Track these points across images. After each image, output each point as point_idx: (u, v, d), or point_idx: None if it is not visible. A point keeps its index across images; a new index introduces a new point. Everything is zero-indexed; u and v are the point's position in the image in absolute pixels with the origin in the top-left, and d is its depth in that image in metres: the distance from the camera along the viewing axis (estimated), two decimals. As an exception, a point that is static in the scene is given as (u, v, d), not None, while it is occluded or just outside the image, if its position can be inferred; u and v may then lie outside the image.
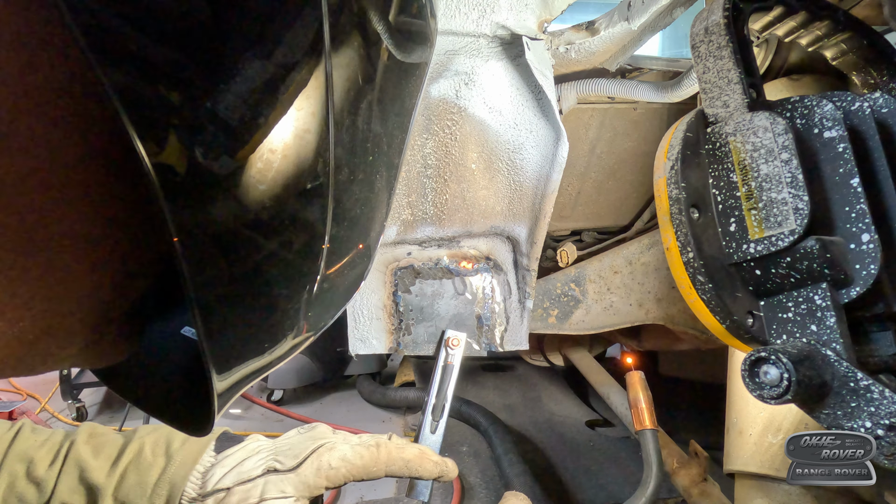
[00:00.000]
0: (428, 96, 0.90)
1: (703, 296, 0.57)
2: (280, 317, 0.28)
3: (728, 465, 1.10)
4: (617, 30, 0.92)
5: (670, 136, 0.61)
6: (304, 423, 0.67)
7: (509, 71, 0.92)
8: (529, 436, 2.22)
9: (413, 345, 0.98)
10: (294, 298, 0.28)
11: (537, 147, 0.95)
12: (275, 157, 0.23)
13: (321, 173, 0.26)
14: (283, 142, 0.24)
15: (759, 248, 0.55)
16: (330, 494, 1.88)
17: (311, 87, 0.24)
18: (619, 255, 1.46)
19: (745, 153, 0.57)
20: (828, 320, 0.53)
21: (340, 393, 2.94)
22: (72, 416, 2.55)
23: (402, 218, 0.97)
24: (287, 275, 0.27)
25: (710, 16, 0.60)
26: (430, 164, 0.94)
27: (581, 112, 1.41)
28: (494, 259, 1.03)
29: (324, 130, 0.25)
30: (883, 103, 0.59)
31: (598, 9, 1.11)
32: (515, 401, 2.59)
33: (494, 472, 1.91)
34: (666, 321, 1.38)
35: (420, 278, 1.00)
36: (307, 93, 0.24)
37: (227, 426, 0.64)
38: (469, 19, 0.86)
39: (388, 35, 0.29)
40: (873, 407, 0.48)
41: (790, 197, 0.54)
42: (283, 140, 0.23)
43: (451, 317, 0.99)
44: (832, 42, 0.68)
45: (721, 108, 0.60)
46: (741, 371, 0.51)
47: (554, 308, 1.53)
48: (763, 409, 1.05)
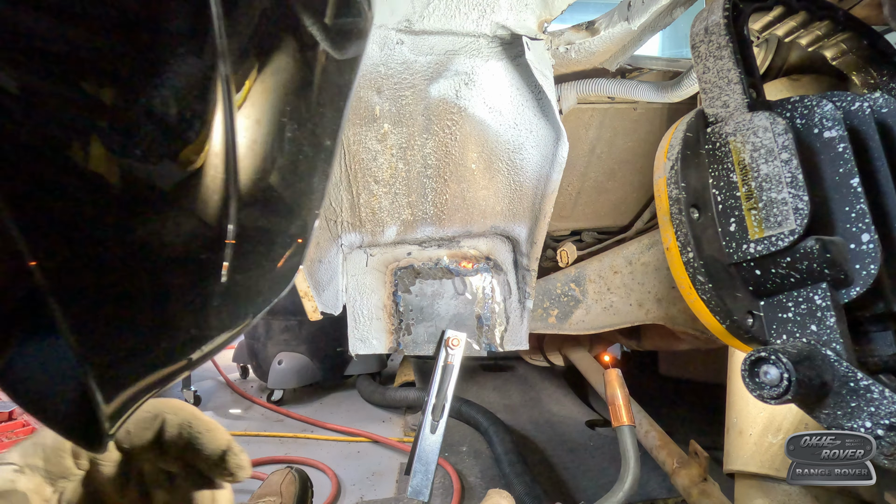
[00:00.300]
0: (428, 96, 0.90)
1: (703, 296, 0.57)
2: (176, 321, 0.26)
3: (728, 465, 1.10)
4: (617, 30, 0.92)
5: (670, 136, 0.61)
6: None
7: (509, 71, 0.92)
8: (529, 436, 2.22)
9: (413, 345, 0.98)
10: (189, 301, 0.26)
11: (537, 147, 0.95)
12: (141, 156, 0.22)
13: (211, 165, 0.24)
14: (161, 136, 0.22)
15: (759, 248, 0.55)
16: (330, 494, 1.88)
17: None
18: (619, 255, 1.46)
19: (745, 153, 0.57)
20: (828, 320, 0.53)
21: (340, 393, 2.94)
22: (72, 416, 2.55)
23: (402, 218, 0.97)
24: (176, 276, 0.25)
25: (710, 16, 0.60)
26: (430, 164, 0.94)
27: (581, 112, 1.41)
28: (494, 259, 1.03)
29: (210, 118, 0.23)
30: (883, 103, 0.59)
31: (598, 9, 1.11)
32: (515, 401, 2.59)
33: (494, 472, 1.91)
34: (666, 321, 1.38)
35: (420, 278, 1.00)
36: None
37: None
38: (469, 19, 0.86)
39: (302, 24, 0.28)
40: (873, 407, 0.48)
41: (790, 197, 0.54)
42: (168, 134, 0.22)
43: (451, 317, 0.99)
44: (832, 42, 0.68)
45: (721, 108, 0.60)
46: (741, 371, 0.51)
47: (554, 308, 1.53)
48: (763, 409, 1.05)
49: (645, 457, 1.88)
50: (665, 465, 1.44)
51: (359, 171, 0.92)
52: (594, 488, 1.82)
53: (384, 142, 0.91)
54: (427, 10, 0.84)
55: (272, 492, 1.59)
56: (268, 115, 0.27)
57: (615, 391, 0.90)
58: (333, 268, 0.96)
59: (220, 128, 0.24)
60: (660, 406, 2.31)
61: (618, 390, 0.90)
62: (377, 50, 0.85)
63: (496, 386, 2.78)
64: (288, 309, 2.80)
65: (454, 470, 1.89)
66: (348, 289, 0.98)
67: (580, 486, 1.84)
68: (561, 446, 2.12)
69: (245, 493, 1.92)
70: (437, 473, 1.37)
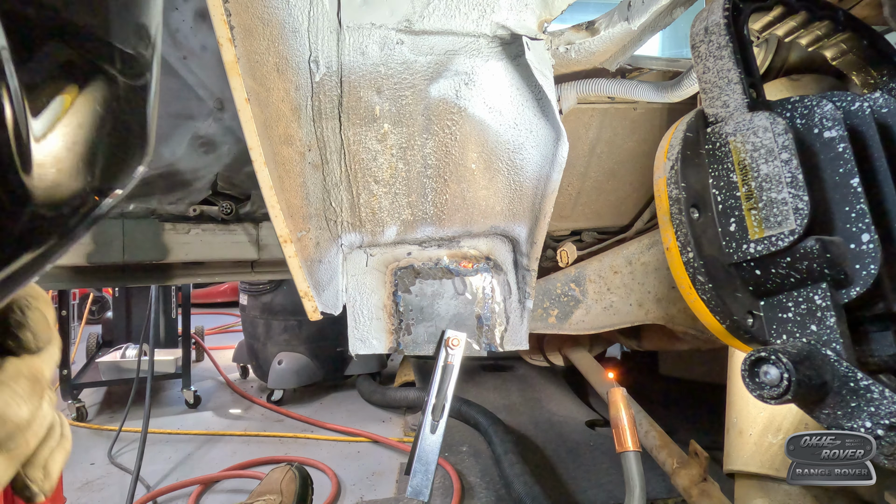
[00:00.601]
0: (428, 96, 0.90)
1: (703, 296, 0.57)
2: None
3: (728, 465, 1.10)
4: (617, 30, 0.92)
5: (670, 136, 0.61)
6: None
7: (509, 71, 0.92)
8: (529, 436, 2.22)
9: (413, 345, 0.98)
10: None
11: (537, 147, 0.95)
12: None
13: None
14: None
15: (759, 248, 0.55)
16: (330, 494, 1.88)
17: None
18: (619, 255, 1.46)
19: (745, 153, 0.57)
20: (828, 320, 0.53)
21: (340, 393, 2.94)
22: (72, 415, 2.55)
23: (402, 218, 0.97)
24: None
25: (710, 16, 0.60)
26: (430, 164, 0.94)
27: (581, 112, 1.41)
28: (494, 259, 1.03)
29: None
30: (883, 103, 0.59)
31: (598, 9, 1.11)
32: (515, 401, 2.59)
33: (494, 472, 1.91)
34: (666, 321, 1.38)
35: (420, 278, 1.00)
36: None
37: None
38: (469, 19, 0.86)
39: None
40: (873, 407, 0.48)
41: (790, 197, 0.54)
42: None
43: (451, 317, 0.99)
44: (832, 42, 0.68)
45: (721, 108, 0.60)
46: (741, 371, 0.51)
47: (554, 308, 1.53)
48: (763, 409, 1.05)
49: (645, 457, 1.88)
50: (665, 465, 1.44)
51: (359, 171, 0.92)
52: (594, 488, 1.82)
53: (384, 142, 0.91)
54: (427, 10, 0.84)
55: (272, 490, 1.57)
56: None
57: (619, 413, 0.85)
58: (333, 268, 0.96)
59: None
60: (660, 406, 2.32)
61: (622, 411, 0.84)
62: (377, 50, 0.85)
63: (496, 386, 2.78)
64: (288, 309, 2.81)
65: (454, 470, 1.89)
66: (348, 289, 0.98)
67: (580, 486, 1.84)
68: (561, 446, 2.12)
69: (243, 492, 1.92)
70: (437, 473, 1.37)
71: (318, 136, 0.88)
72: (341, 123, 0.88)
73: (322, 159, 0.90)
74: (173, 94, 1.16)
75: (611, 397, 0.87)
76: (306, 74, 0.83)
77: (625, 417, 0.84)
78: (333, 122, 0.88)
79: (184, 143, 1.27)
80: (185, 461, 2.17)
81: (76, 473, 2.05)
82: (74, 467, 2.09)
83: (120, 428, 2.27)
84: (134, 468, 1.83)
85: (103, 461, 2.15)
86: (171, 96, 1.16)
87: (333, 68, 0.84)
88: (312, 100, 0.85)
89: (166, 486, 1.95)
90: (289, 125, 0.86)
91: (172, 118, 1.21)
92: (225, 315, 5.23)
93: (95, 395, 2.90)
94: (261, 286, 2.81)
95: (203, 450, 2.26)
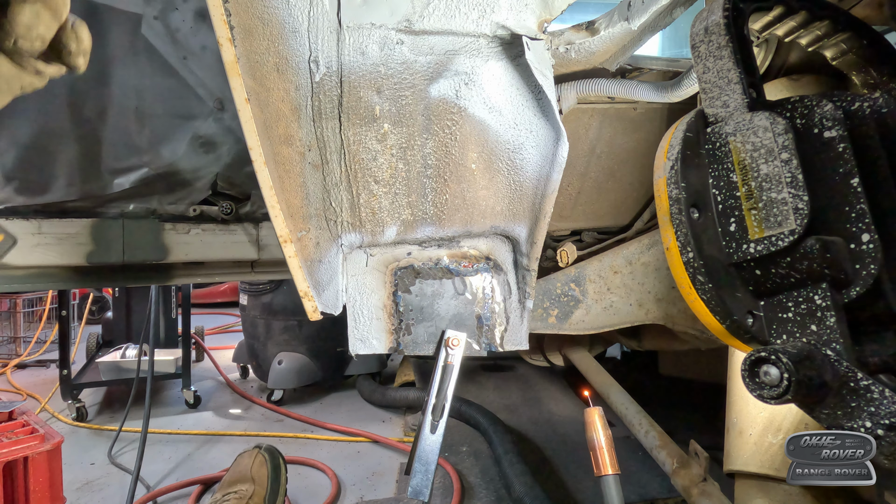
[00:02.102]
0: (428, 96, 0.90)
1: (703, 296, 0.57)
2: None
3: (728, 465, 1.10)
4: (617, 30, 0.92)
5: (670, 136, 0.61)
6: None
7: (509, 71, 0.92)
8: (529, 436, 2.22)
9: (413, 345, 0.98)
10: None
11: (537, 147, 0.95)
12: None
13: None
14: None
15: (759, 248, 0.55)
16: (330, 494, 1.88)
17: None
18: (619, 255, 1.46)
19: (745, 153, 0.57)
20: (828, 320, 0.53)
21: (340, 393, 2.94)
22: (72, 416, 2.55)
23: (402, 218, 0.97)
24: None
25: (710, 16, 0.60)
26: (430, 164, 0.94)
27: (581, 112, 1.41)
28: (494, 259, 1.03)
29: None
30: (883, 103, 0.59)
31: (598, 9, 1.11)
32: (515, 401, 2.59)
33: (494, 472, 1.91)
34: (666, 321, 1.38)
35: (420, 278, 1.00)
36: None
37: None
38: (469, 19, 0.86)
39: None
40: (873, 407, 0.48)
41: (790, 197, 0.54)
42: None
43: (451, 317, 0.99)
44: (832, 42, 0.68)
45: (721, 108, 0.60)
46: (741, 371, 0.51)
47: (554, 308, 1.53)
48: (763, 409, 1.05)
49: (645, 456, 1.88)
50: (665, 465, 1.44)
51: (359, 171, 0.92)
52: (594, 488, 1.82)
53: (384, 142, 0.91)
54: (427, 10, 0.84)
55: (243, 478, 1.44)
56: None
57: (596, 434, 0.78)
58: (333, 268, 0.96)
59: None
60: (660, 406, 2.31)
61: (599, 432, 0.78)
62: (377, 50, 0.85)
63: (496, 386, 2.78)
64: (288, 309, 2.81)
65: (454, 470, 1.89)
66: (348, 289, 0.98)
67: (580, 486, 1.84)
68: (561, 446, 2.12)
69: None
70: (437, 473, 1.37)
71: (318, 136, 0.88)
72: (341, 123, 0.88)
73: (322, 159, 0.90)
74: (173, 94, 1.16)
75: (587, 418, 0.83)
76: (306, 74, 0.83)
77: (602, 439, 0.81)
78: (333, 122, 0.88)
79: (184, 143, 1.27)
80: (185, 461, 2.17)
81: (76, 473, 2.05)
82: (74, 467, 2.09)
83: (120, 428, 2.27)
84: (134, 468, 1.83)
85: (103, 461, 2.15)
86: (171, 96, 1.16)
87: (333, 68, 0.84)
88: (312, 100, 0.85)
89: (166, 486, 1.95)
90: (289, 125, 0.86)
91: (172, 118, 1.21)
92: (225, 315, 5.24)
93: (95, 395, 2.90)
94: (261, 286, 2.81)
95: (203, 450, 2.26)
